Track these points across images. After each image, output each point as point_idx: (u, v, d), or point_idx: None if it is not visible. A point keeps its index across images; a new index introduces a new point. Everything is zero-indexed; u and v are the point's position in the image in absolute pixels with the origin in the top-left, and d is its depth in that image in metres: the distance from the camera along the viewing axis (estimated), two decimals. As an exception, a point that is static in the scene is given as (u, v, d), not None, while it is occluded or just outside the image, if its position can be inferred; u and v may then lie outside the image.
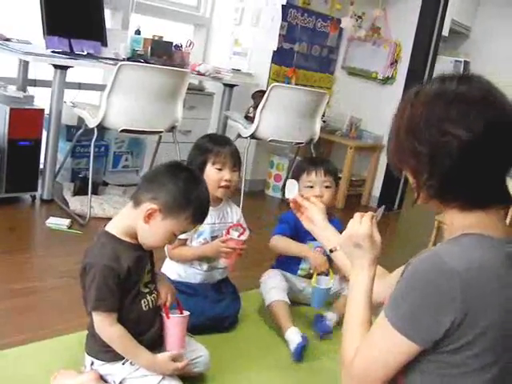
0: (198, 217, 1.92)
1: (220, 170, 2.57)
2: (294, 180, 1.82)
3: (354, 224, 1.51)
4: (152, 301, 1.95)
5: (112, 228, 1.90)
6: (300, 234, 2.91)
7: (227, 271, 2.78)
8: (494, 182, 1.30)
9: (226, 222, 2.68)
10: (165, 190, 1.83)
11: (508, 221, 5.60)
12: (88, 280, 1.81)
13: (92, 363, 1.96)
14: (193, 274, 2.65)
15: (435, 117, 1.27)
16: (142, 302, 1.92)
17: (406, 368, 1.31)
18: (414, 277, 1.26)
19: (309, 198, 1.86)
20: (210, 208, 2.61)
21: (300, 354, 2.56)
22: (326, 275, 2.82)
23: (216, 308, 2.62)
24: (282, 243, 2.91)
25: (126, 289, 1.85)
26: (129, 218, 1.89)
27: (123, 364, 1.92)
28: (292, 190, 1.88)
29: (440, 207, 1.37)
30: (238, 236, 2.55)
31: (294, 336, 2.61)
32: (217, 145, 2.61)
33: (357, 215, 1.53)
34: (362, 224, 1.49)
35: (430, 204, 1.37)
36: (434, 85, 1.33)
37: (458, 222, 1.33)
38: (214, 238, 2.63)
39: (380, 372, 1.30)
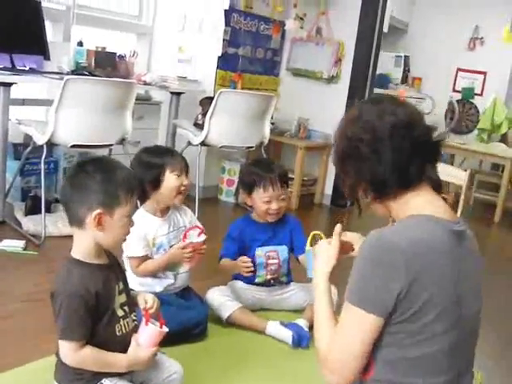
0: (128, 188, 1.84)
1: (179, 176, 2.62)
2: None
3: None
4: (126, 326, 1.90)
5: (76, 253, 1.85)
6: (247, 243, 2.97)
7: (189, 278, 2.80)
8: (410, 167, 1.48)
9: (178, 227, 2.71)
10: (91, 192, 1.78)
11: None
12: (56, 308, 1.76)
13: (63, 392, 1.91)
14: (158, 282, 2.67)
15: (343, 131, 1.56)
16: (116, 326, 1.87)
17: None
18: (361, 255, 1.44)
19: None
20: (159, 219, 2.66)
21: (298, 341, 2.72)
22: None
23: (185, 314, 2.62)
24: (227, 267, 2.95)
25: (99, 314, 1.81)
26: (83, 240, 1.84)
27: (97, 389, 1.87)
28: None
29: (384, 208, 1.56)
30: (198, 235, 2.60)
31: (278, 328, 2.77)
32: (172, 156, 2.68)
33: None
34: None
35: (377, 211, 1.58)
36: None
37: (400, 210, 1.51)
38: (172, 246, 2.66)
39: (355, 353, 1.41)
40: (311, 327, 2.79)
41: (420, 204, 1.48)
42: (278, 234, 3.01)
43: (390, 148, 1.46)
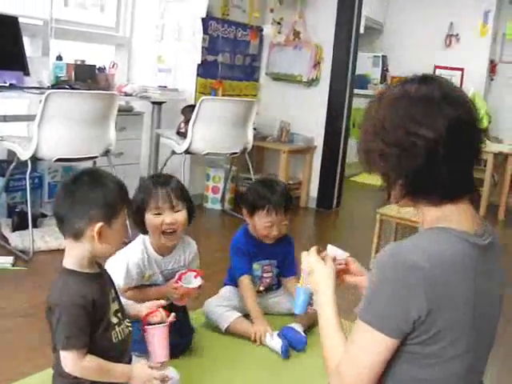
0: (122, 199, 1.86)
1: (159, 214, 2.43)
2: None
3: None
4: (121, 332, 1.91)
5: (70, 264, 1.85)
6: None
7: None
8: (460, 176, 1.33)
9: (179, 265, 2.61)
10: (92, 206, 1.78)
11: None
12: (54, 319, 1.76)
13: (61, 405, 1.91)
14: None
15: (399, 118, 1.31)
16: (112, 333, 1.88)
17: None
18: (380, 272, 1.30)
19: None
20: (160, 258, 2.54)
21: (286, 352, 2.67)
22: None
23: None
24: (245, 296, 2.89)
25: (96, 321, 1.82)
26: (77, 251, 1.83)
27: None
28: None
29: (411, 204, 1.41)
30: (195, 277, 2.49)
31: (270, 338, 2.73)
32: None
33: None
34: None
35: (401, 202, 1.41)
36: (396, 88, 1.37)
37: (429, 216, 1.37)
38: (168, 281, 2.56)
39: (371, 374, 1.31)
40: (305, 331, 2.82)
41: (453, 216, 1.33)
42: (275, 251, 3.00)
43: (452, 152, 1.28)
